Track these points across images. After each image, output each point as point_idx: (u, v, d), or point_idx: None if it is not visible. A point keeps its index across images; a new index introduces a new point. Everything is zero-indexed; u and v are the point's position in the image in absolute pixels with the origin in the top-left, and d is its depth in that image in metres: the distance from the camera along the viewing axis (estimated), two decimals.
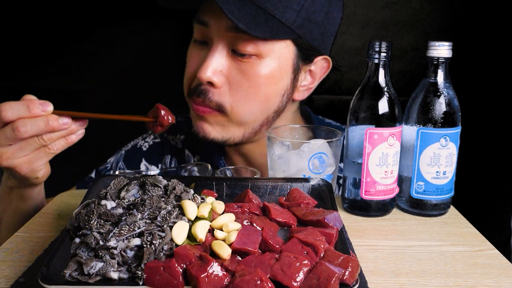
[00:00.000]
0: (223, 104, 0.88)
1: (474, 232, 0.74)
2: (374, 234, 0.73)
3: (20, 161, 0.72)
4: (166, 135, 1.09)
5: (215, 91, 0.87)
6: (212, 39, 0.87)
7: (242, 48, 0.85)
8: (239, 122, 0.90)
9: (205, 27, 0.87)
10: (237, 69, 0.87)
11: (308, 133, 0.88)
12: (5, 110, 0.69)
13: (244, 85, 0.87)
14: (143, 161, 1.06)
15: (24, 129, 0.69)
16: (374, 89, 0.76)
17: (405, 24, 1.53)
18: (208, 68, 0.85)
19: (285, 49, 0.88)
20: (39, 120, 0.70)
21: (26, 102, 0.70)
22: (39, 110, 0.70)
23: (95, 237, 0.51)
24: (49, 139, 0.71)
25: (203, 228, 0.54)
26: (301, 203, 0.64)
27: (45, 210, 0.81)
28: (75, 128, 0.74)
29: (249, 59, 0.86)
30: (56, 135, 0.72)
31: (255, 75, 0.86)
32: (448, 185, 0.80)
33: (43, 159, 0.74)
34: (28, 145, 0.71)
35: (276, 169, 0.80)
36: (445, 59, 0.77)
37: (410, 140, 0.79)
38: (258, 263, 0.49)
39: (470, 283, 0.59)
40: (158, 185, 0.60)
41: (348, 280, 0.48)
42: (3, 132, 0.70)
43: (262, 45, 0.85)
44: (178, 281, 0.48)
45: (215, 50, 0.86)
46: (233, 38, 0.85)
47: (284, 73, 0.89)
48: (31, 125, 0.69)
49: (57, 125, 0.71)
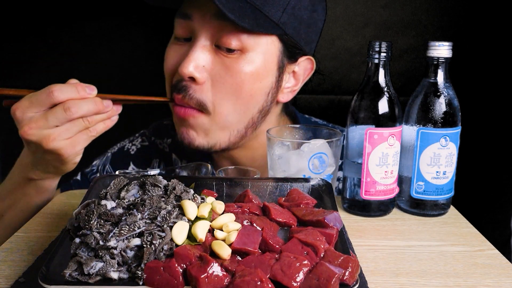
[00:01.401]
0: (205, 101, 0.85)
1: (474, 232, 0.74)
2: (374, 234, 0.73)
3: (66, 143, 0.72)
4: (153, 138, 1.07)
5: (197, 88, 0.84)
6: (195, 32, 0.84)
7: (226, 41, 0.82)
8: (222, 122, 0.87)
9: (188, 20, 0.85)
10: (220, 65, 0.84)
11: (308, 133, 0.88)
12: (56, 91, 0.70)
13: (227, 82, 0.84)
14: (131, 164, 1.04)
15: (75, 109, 0.70)
16: (374, 89, 0.76)
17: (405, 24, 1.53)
18: (191, 62, 0.82)
19: (271, 45, 0.86)
20: (88, 102, 0.72)
21: (74, 84, 0.72)
22: (86, 92, 0.72)
23: (95, 237, 0.51)
24: (93, 121, 0.73)
25: (203, 228, 0.54)
26: (301, 203, 0.64)
27: (45, 210, 0.81)
28: (112, 112, 0.76)
29: (233, 54, 0.83)
30: (98, 118, 0.74)
31: (239, 71, 0.84)
32: (448, 185, 0.80)
33: (85, 141, 0.75)
34: (73, 126, 0.72)
35: (276, 169, 0.80)
36: (445, 59, 0.77)
37: (410, 140, 0.79)
38: (258, 263, 0.49)
39: (470, 283, 0.59)
40: (158, 185, 0.60)
41: (348, 280, 0.48)
42: (53, 112, 0.70)
43: (247, 39, 0.83)
44: (178, 281, 0.48)
45: (197, 44, 0.83)
46: (217, 31, 0.83)
47: (269, 70, 0.87)
48: (81, 106, 0.71)
49: (102, 107, 0.73)
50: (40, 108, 0.71)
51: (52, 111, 0.71)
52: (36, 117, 0.71)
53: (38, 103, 0.71)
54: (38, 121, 0.70)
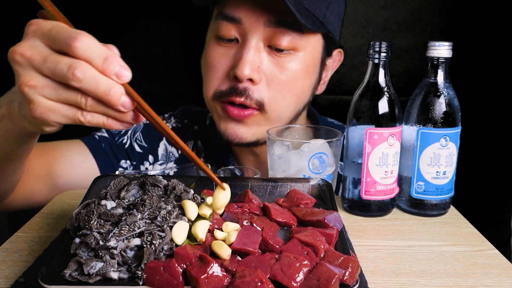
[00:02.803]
0: (263, 100, 0.88)
1: (474, 232, 0.74)
2: (374, 234, 0.73)
3: (43, 101, 0.52)
4: (186, 121, 1.07)
5: (255, 88, 0.87)
6: (246, 35, 0.86)
7: (279, 43, 0.85)
8: (276, 118, 0.90)
9: (237, 23, 0.86)
10: (273, 64, 0.87)
11: (308, 133, 0.88)
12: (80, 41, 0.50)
13: (282, 80, 0.88)
14: (164, 140, 1.03)
15: (80, 76, 0.50)
16: (374, 89, 0.76)
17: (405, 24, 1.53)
18: (246, 64, 0.85)
19: (317, 42, 0.90)
20: (103, 80, 0.51)
21: (108, 52, 0.51)
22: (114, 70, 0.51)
23: (95, 237, 0.51)
24: (91, 107, 0.52)
25: (203, 228, 0.54)
26: (300, 203, 0.64)
27: (45, 210, 0.81)
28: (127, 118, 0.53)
29: (286, 54, 0.87)
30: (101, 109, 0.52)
31: (292, 69, 0.88)
32: (448, 185, 0.80)
33: (66, 119, 0.53)
34: (65, 93, 0.52)
35: (276, 169, 0.80)
36: (445, 59, 0.77)
37: (410, 140, 0.79)
38: (258, 263, 0.49)
39: (470, 283, 0.59)
40: (158, 185, 0.60)
41: (348, 280, 0.48)
42: (56, 59, 0.51)
43: (298, 39, 0.86)
44: (178, 281, 0.48)
45: (251, 46, 0.86)
46: (269, 33, 0.85)
47: (316, 66, 0.92)
48: (90, 78, 0.50)
49: (115, 100, 0.51)
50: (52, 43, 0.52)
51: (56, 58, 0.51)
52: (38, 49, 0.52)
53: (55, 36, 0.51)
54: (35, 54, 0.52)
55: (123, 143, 1.00)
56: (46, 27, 0.52)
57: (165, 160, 1.03)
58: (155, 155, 1.02)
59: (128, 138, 1.01)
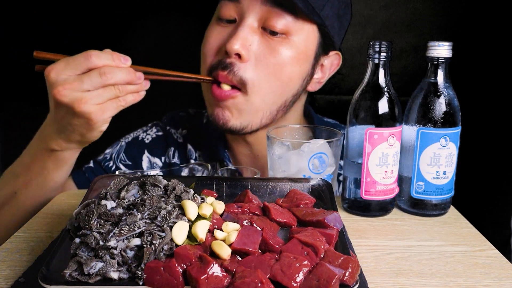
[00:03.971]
0: (247, 80, 0.88)
1: (474, 232, 0.74)
2: (374, 234, 0.73)
3: (97, 108, 0.73)
4: (168, 128, 1.09)
5: (241, 65, 0.88)
6: (243, 13, 0.88)
7: (274, 24, 0.87)
8: (258, 103, 0.90)
9: (236, 2, 0.89)
10: (265, 46, 0.88)
11: (308, 133, 0.88)
12: (94, 56, 0.72)
13: (270, 62, 0.88)
14: (146, 153, 1.06)
15: (110, 75, 0.72)
16: (374, 89, 0.76)
17: (405, 24, 1.53)
18: (238, 39, 0.86)
19: (312, 33, 0.91)
20: (122, 70, 0.74)
21: (110, 52, 0.74)
22: (121, 61, 0.74)
23: (95, 237, 0.51)
24: (124, 90, 0.75)
25: (204, 228, 0.54)
26: (300, 204, 0.64)
27: (45, 210, 0.81)
28: (142, 86, 0.77)
29: (278, 37, 0.88)
30: (129, 88, 0.75)
31: (282, 53, 0.89)
32: (448, 185, 0.80)
33: (114, 110, 0.76)
34: (106, 92, 0.73)
35: (276, 169, 0.80)
36: (445, 59, 0.77)
37: (410, 140, 0.79)
38: (258, 263, 0.49)
39: (470, 283, 0.59)
40: (158, 185, 0.60)
41: (348, 281, 0.48)
42: (89, 76, 0.72)
43: (292, 24, 0.88)
44: (178, 281, 0.48)
45: (245, 24, 0.88)
46: (265, 13, 0.87)
47: (308, 56, 0.92)
48: (116, 73, 0.73)
49: (135, 77, 0.75)
50: (75, 71, 0.72)
51: (88, 75, 0.72)
52: (71, 79, 0.72)
53: (75, 66, 0.72)
54: (72, 83, 0.71)
55: (109, 166, 1.04)
56: (62, 65, 0.72)
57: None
58: (140, 168, 1.05)
59: (113, 162, 1.05)
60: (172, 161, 1.06)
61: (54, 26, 1.64)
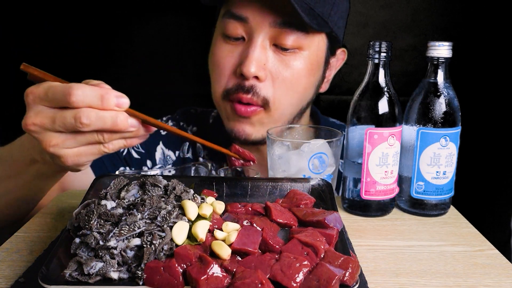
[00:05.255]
0: (269, 98, 0.89)
1: (474, 232, 0.74)
2: (374, 234, 0.73)
3: (69, 152, 0.60)
4: (182, 123, 1.09)
5: (261, 86, 0.89)
6: (252, 33, 0.88)
7: (285, 42, 0.87)
8: (279, 115, 0.92)
9: (243, 22, 0.88)
10: (279, 62, 0.89)
11: (308, 133, 0.88)
12: (75, 95, 0.56)
13: (286, 78, 0.89)
14: (161, 144, 1.05)
15: (87, 122, 0.57)
16: (374, 89, 0.76)
17: (405, 24, 1.53)
18: (253, 62, 0.86)
19: (321, 41, 0.92)
20: (108, 116, 0.58)
21: (101, 91, 0.58)
22: (113, 103, 0.58)
23: (95, 237, 0.51)
24: (109, 138, 0.60)
25: (204, 228, 0.54)
26: (300, 204, 0.64)
27: (45, 210, 0.81)
28: (140, 132, 0.62)
29: (291, 52, 0.88)
30: (117, 135, 0.61)
31: (296, 67, 0.89)
32: (448, 185, 0.80)
33: (94, 156, 0.62)
34: (83, 137, 0.59)
35: (276, 169, 0.80)
36: (445, 59, 0.77)
37: (410, 140, 0.79)
38: (258, 263, 0.49)
39: (470, 283, 0.59)
40: (158, 185, 0.60)
41: (349, 281, 0.48)
42: (62, 116, 0.57)
43: (303, 39, 0.88)
44: (178, 281, 0.48)
45: (257, 45, 0.87)
46: (275, 33, 0.87)
47: (320, 64, 0.93)
48: (97, 119, 0.57)
49: (124, 126, 0.59)
50: (52, 103, 0.58)
51: (62, 115, 0.58)
52: (44, 113, 0.59)
53: (52, 97, 0.58)
54: (43, 119, 0.58)
55: (120, 151, 1.00)
56: (41, 92, 0.58)
57: (163, 164, 1.05)
58: (153, 159, 1.04)
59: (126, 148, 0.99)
60: (186, 156, 1.06)
61: (54, 26, 1.64)
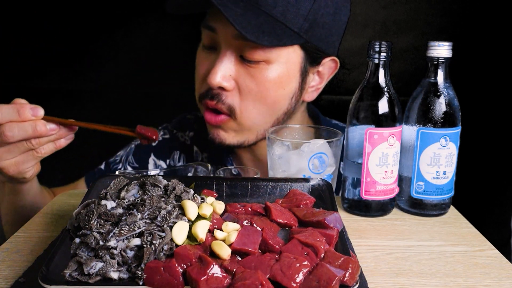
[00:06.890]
0: (234, 107, 0.89)
1: (474, 232, 0.74)
2: (374, 234, 0.73)
3: (8, 163, 0.73)
4: (175, 131, 1.10)
5: (228, 94, 0.88)
6: (220, 44, 0.88)
7: (250, 56, 0.86)
8: (249, 125, 0.91)
9: (213, 32, 0.88)
10: (246, 74, 0.88)
11: (308, 133, 0.88)
12: None
13: (253, 90, 0.88)
14: (152, 156, 1.07)
15: (10, 134, 0.69)
16: (374, 89, 0.76)
17: (405, 24, 1.53)
18: (217, 73, 0.86)
19: (293, 53, 0.88)
20: (27, 125, 0.70)
21: (16, 106, 0.70)
22: (29, 114, 0.71)
23: (95, 237, 0.51)
24: (38, 143, 0.72)
25: (204, 228, 0.54)
26: (300, 204, 0.64)
27: (45, 210, 0.81)
28: (64, 133, 0.74)
29: (258, 65, 0.87)
30: (44, 140, 0.73)
31: (264, 80, 0.87)
32: (448, 185, 0.80)
33: (31, 161, 0.75)
34: (16, 148, 0.72)
35: (276, 169, 0.80)
36: (445, 59, 0.77)
37: (410, 140, 0.79)
38: (258, 263, 0.49)
39: (470, 283, 0.59)
40: (158, 185, 0.60)
41: (349, 281, 0.48)
42: None
43: (270, 52, 0.86)
44: (178, 281, 0.48)
45: (223, 56, 0.87)
46: (241, 45, 0.86)
47: (292, 77, 0.90)
48: (19, 130, 0.70)
49: (44, 130, 0.71)
50: None
51: None
52: None
53: None
54: None
55: (117, 169, 1.06)
56: None
57: None
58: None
59: (122, 164, 1.06)
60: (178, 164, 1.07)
61: (54, 26, 1.64)
